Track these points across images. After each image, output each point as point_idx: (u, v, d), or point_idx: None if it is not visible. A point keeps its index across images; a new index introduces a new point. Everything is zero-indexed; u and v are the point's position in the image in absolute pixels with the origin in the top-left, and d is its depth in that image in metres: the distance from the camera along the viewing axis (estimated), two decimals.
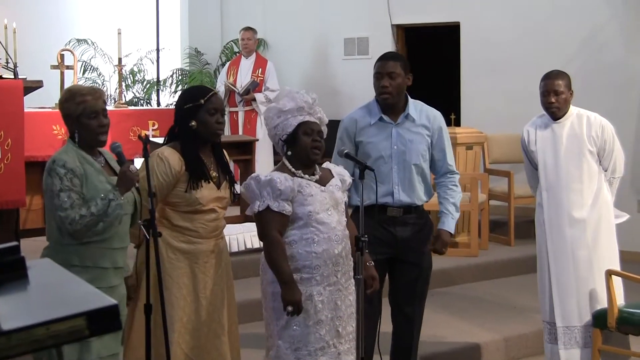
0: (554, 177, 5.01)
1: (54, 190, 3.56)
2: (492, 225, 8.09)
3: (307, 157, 3.91)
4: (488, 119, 8.76)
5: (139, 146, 3.96)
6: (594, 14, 8.34)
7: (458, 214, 4.62)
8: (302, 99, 3.94)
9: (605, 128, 5.00)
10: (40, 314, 1.70)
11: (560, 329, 5.00)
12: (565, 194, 4.98)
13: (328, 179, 3.99)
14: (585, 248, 4.97)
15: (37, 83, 6.28)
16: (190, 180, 3.91)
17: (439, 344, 5.60)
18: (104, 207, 3.55)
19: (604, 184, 5.01)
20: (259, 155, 8.67)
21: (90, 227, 3.56)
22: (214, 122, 3.96)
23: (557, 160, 5.00)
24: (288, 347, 3.86)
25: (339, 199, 3.96)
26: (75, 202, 3.55)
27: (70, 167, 3.57)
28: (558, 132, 5.01)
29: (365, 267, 3.99)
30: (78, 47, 10.48)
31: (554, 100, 4.95)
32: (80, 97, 3.66)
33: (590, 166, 4.98)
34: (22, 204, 5.96)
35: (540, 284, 5.13)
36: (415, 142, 4.52)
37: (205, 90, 4.08)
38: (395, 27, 9.61)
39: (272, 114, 3.98)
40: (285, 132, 3.93)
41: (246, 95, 9.12)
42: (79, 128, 3.69)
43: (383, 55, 4.64)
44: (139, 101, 10.61)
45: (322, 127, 3.99)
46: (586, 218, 4.97)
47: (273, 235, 3.83)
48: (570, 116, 5.03)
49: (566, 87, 4.96)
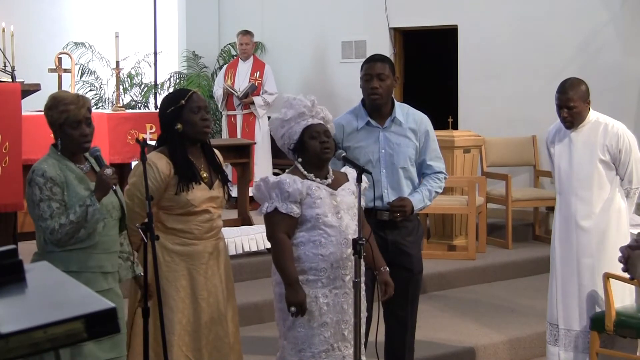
0: (566, 183, 5.03)
1: (34, 200, 3.56)
2: (490, 228, 8.09)
3: (319, 159, 3.94)
4: (486, 122, 8.77)
5: (137, 149, 3.95)
6: (592, 16, 8.35)
7: (429, 202, 4.57)
8: (301, 104, 3.96)
9: (621, 137, 4.95)
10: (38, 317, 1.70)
11: (562, 331, 5.03)
12: (575, 201, 4.99)
13: (341, 183, 4.01)
14: (589, 256, 4.96)
15: (34, 86, 6.27)
16: (180, 183, 3.91)
17: (437, 346, 5.60)
18: (82, 214, 3.53)
19: (617, 194, 4.98)
20: (257, 159, 8.69)
21: (72, 234, 3.55)
22: (198, 119, 3.95)
23: (570, 166, 5.01)
24: (292, 348, 3.89)
25: (351, 203, 3.96)
26: (55, 211, 3.54)
27: (49, 176, 3.56)
28: (574, 138, 5.00)
29: (379, 273, 4.03)
30: (76, 50, 10.48)
31: (567, 115, 4.93)
32: (63, 106, 3.64)
33: (602, 175, 4.96)
34: (19, 207, 5.94)
35: (550, 286, 5.15)
36: (403, 145, 4.52)
37: (184, 91, 4.10)
38: (392, 30, 9.61)
39: (276, 125, 4.02)
40: (292, 141, 3.97)
41: (244, 99, 9.12)
42: (61, 136, 3.67)
43: (370, 58, 4.63)
44: (137, 104, 10.61)
45: (328, 125, 4.02)
46: (592, 226, 4.96)
47: (280, 236, 3.86)
48: (589, 123, 4.99)
49: (580, 100, 4.91)
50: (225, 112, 9.36)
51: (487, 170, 8.38)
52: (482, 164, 8.37)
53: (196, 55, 10.67)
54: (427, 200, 4.56)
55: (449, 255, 7.56)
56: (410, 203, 4.47)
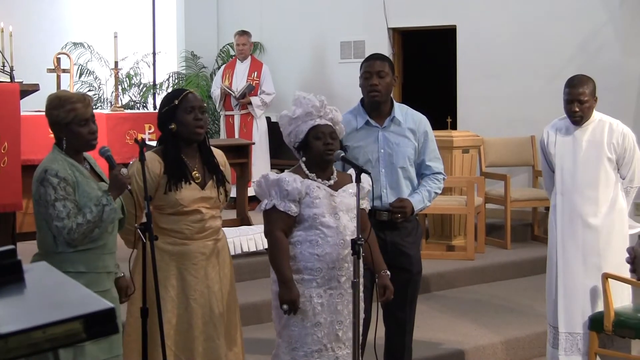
0: (570, 182, 5.00)
1: (48, 200, 3.56)
2: (489, 228, 8.09)
3: (322, 159, 3.95)
4: (484, 122, 8.77)
5: (136, 150, 3.96)
6: (591, 16, 8.35)
7: (428, 202, 4.58)
8: (309, 104, 3.97)
9: (626, 136, 4.97)
10: (37, 318, 1.70)
11: (563, 335, 4.99)
12: (580, 200, 4.97)
13: (343, 184, 4.01)
14: (596, 255, 4.95)
15: (33, 87, 6.26)
16: (169, 182, 3.92)
17: (436, 347, 5.60)
18: (99, 213, 3.56)
19: (620, 192, 4.99)
20: (255, 159, 8.68)
21: (87, 234, 3.58)
22: (192, 119, 3.95)
23: (575, 165, 4.98)
24: (286, 346, 3.91)
25: (351, 204, 3.95)
26: (72, 211, 3.56)
27: (62, 176, 3.58)
28: (579, 137, 4.99)
29: (379, 276, 4.04)
30: (74, 50, 10.48)
31: (578, 109, 4.90)
32: (71, 105, 3.66)
33: (608, 173, 4.96)
34: (18, 207, 5.94)
35: (548, 287, 5.12)
36: (402, 145, 4.52)
37: (179, 91, 4.11)
38: (391, 31, 9.62)
39: (284, 122, 4.04)
40: (297, 140, 3.99)
41: (242, 99, 9.12)
42: (68, 135, 3.68)
43: (370, 56, 4.63)
44: (135, 105, 10.61)
45: (337, 127, 4.02)
46: (599, 225, 4.95)
47: (276, 234, 3.89)
48: (593, 122, 4.99)
49: (590, 95, 4.91)
50: (223, 113, 9.36)
51: (485, 170, 8.38)
52: (481, 164, 8.37)
53: (195, 55, 10.67)
54: (427, 201, 4.56)
55: (447, 256, 7.56)
56: (410, 204, 4.47)
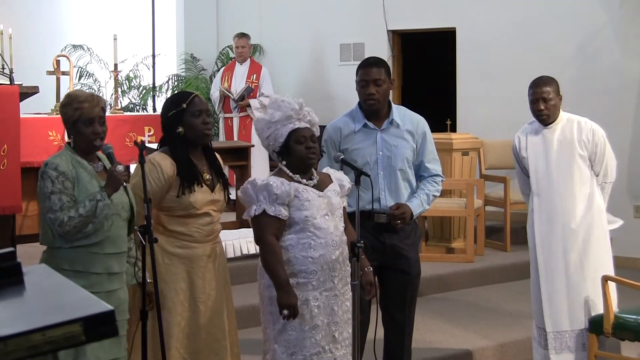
0: (546, 183, 5.02)
1: (45, 192, 3.62)
2: (488, 231, 8.09)
3: (304, 164, 3.91)
4: (484, 124, 8.76)
5: (135, 152, 3.96)
6: (590, 18, 8.35)
7: (427, 206, 4.58)
8: (288, 107, 3.91)
9: (595, 132, 5.00)
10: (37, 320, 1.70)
11: (551, 335, 5.00)
12: (558, 199, 4.99)
13: (326, 184, 3.99)
14: (576, 252, 4.97)
15: (33, 89, 6.27)
16: (183, 185, 3.91)
17: (434, 349, 5.60)
18: (92, 208, 3.58)
19: (596, 189, 5.01)
20: (254, 161, 8.67)
21: (80, 228, 3.60)
22: (200, 123, 3.96)
23: (548, 165, 5.01)
24: (284, 351, 3.88)
25: (337, 205, 3.95)
26: (65, 204, 3.59)
27: (62, 170, 3.62)
28: (549, 137, 5.02)
29: (363, 273, 4.00)
30: (74, 52, 10.48)
31: (543, 107, 4.95)
32: (77, 104, 3.70)
33: (582, 171, 4.98)
34: (18, 209, 5.95)
35: (533, 289, 5.13)
36: (400, 147, 4.52)
37: (186, 94, 4.10)
38: (391, 33, 9.62)
39: (262, 126, 3.96)
40: (277, 144, 3.92)
41: (241, 102, 9.12)
42: (74, 133, 3.74)
43: (365, 62, 4.59)
44: (135, 107, 10.61)
45: (314, 129, 3.97)
46: (578, 223, 4.97)
47: (269, 239, 3.84)
48: (561, 121, 5.04)
49: (555, 93, 4.97)
50: (221, 115, 9.36)
51: (485, 172, 8.37)
52: (481, 167, 8.37)
53: (194, 57, 10.67)
54: (426, 204, 4.56)
55: (447, 258, 7.56)
56: (409, 209, 4.47)
